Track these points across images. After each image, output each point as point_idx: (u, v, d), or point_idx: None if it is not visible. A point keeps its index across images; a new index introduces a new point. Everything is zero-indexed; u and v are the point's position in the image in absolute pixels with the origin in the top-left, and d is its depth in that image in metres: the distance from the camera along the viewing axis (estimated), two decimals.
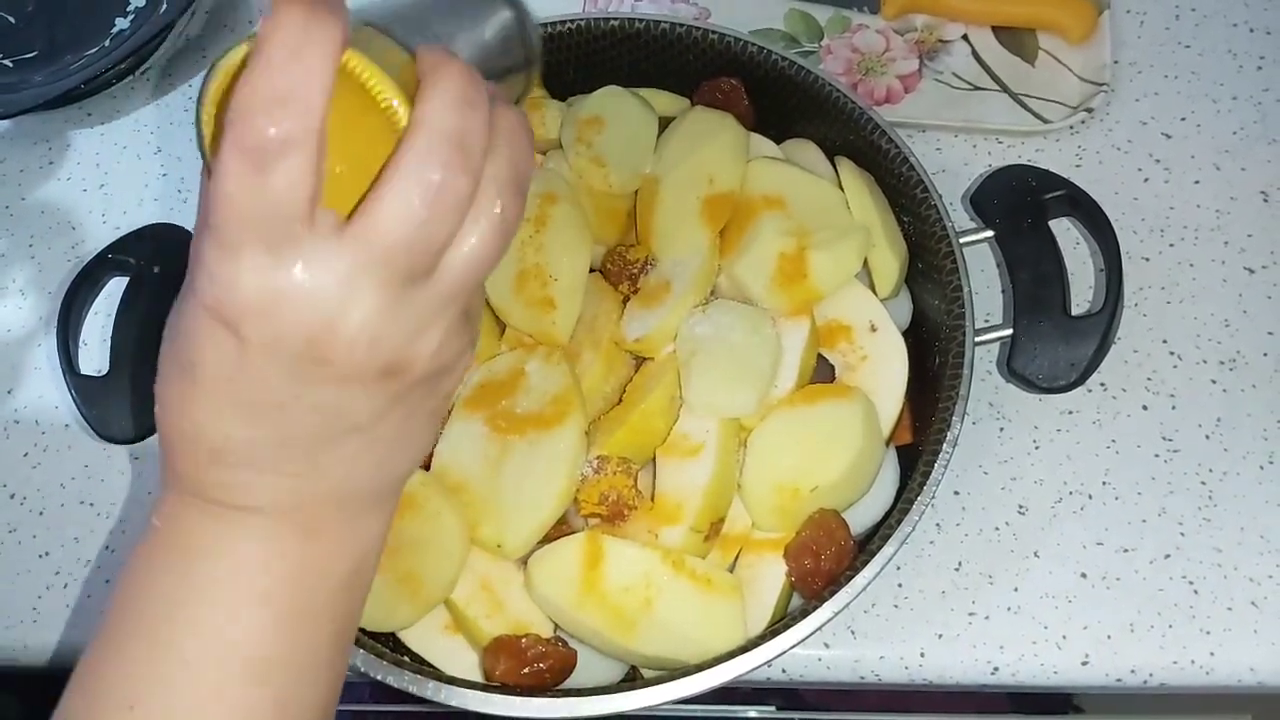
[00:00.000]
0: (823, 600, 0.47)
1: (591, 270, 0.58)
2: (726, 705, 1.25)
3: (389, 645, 0.50)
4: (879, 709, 1.22)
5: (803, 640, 0.47)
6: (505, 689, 0.47)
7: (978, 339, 0.53)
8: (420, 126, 0.29)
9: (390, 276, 0.29)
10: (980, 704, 1.23)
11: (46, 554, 0.61)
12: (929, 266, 0.57)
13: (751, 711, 1.22)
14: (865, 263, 0.57)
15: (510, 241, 0.32)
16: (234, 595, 0.33)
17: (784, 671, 0.56)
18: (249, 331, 0.29)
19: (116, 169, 0.75)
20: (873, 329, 0.55)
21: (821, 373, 0.56)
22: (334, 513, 0.34)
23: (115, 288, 0.61)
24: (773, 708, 1.22)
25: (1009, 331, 0.54)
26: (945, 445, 0.50)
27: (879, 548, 0.48)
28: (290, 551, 0.33)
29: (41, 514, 0.62)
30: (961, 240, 0.55)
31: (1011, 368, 0.54)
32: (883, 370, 0.54)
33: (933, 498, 0.49)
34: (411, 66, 0.30)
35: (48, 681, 0.91)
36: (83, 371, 0.57)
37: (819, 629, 0.47)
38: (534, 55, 0.39)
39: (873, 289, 0.57)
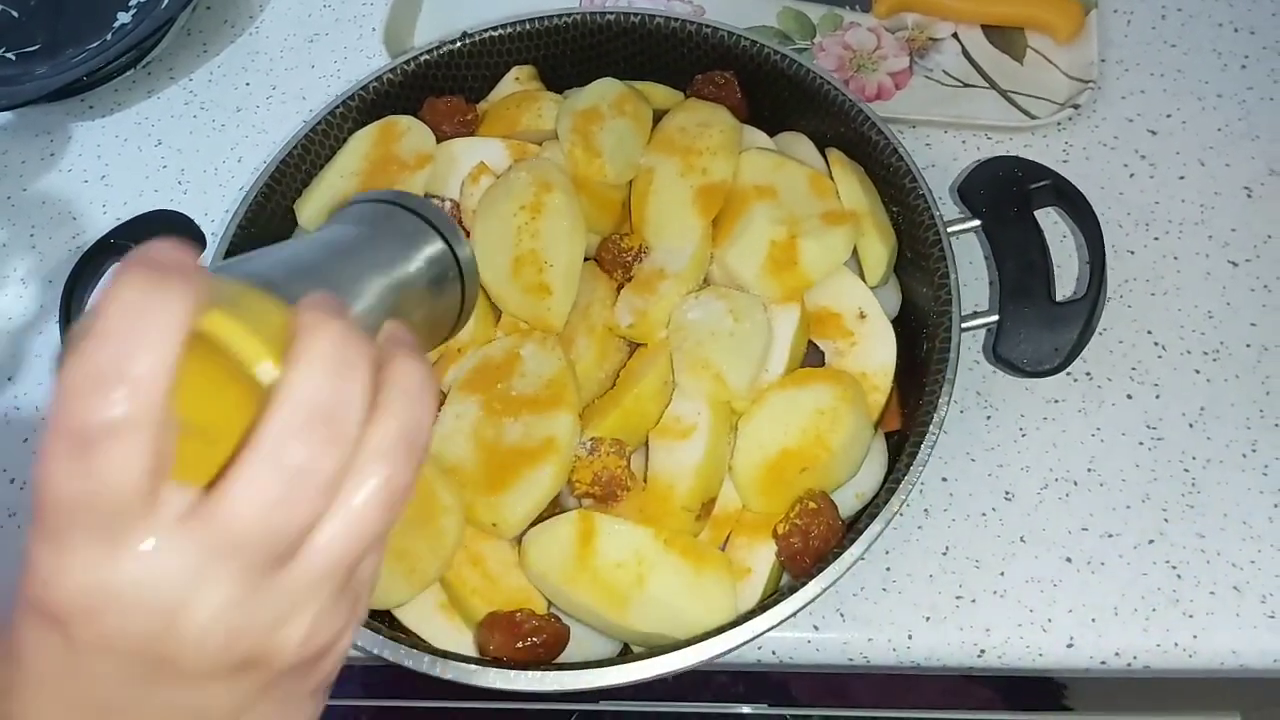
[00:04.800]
0: (811, 576, 0.48)
1: (586, 259, 0.59)
2: (719, 703, 1.26)
3: (385, 623, 0.51)
4: (870, 705, 1.23)
5: (793, 615, 0.47)
6: (499, 663, 0.48)
7: (964, 324, 0.54)
8: (282, 399, 0.25)
9: (245, 564, 0.25)
10: (970, 699, 1.24)
11: None
12: (917, 255, 0.58)
13: (745, 708, 1.23)
14: (855, 251, 0.58)
15: (398, 510, 0.28)
16: None
17: (774, 654, 0.57)
18: (77, 632, 0.25)
19: (117, 161, 0.76)
20: (861, 316, 0.56)
21: (812, 359, 0.57)
22: None
23: None
24: (765, 705, 1.23)
25: (995, 318, 0.55)
26: (932, 426, 0.51)
27: (867, 525, 0.48)
28: None
29: None
30: (949, 229, 0.56)
31: (997, 353, 0.55)
32: (871, 355, 0.55)
33: (920, 477, 0.50)
34: (280, 313, 0.28)
35: None
36: None
37: (809, 604, 0.47)
38: (470, 285, 0.40)
39: (862, 277, 0.58)
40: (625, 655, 0.51)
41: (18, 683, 0.27)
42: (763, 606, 0.48)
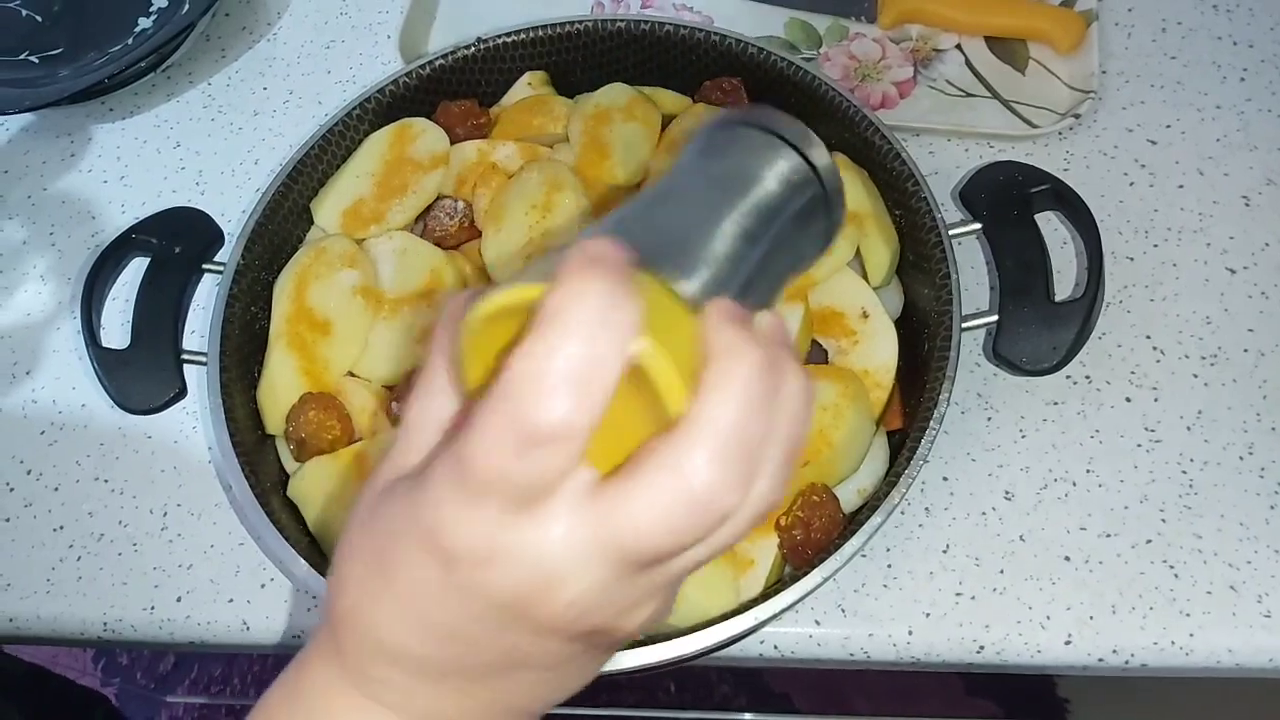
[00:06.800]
0: (813, 567, 0.48)
1: None
2: (722, 711, 1.26)
3: None
4: (871, 714, 1.23)
5: (794, 604, 0.48)
6: None
7: (965, 324, 0.55)
8: (697, 428, 0.26)
9: (624, 564, 0.27)
10: (971, 709, 1.24)
11: (61, 528, 0.63)
12: (919, 257, 0.59)
13: (747, 716, 1.24)
14: (858, 252, 0.59)
15: (765, 518, 0.30)
16: None
17: (776, 648, 0.57)
18: (460, 573, 0.28)
19: (136, 162, 0.77)
20: (864, 315, 0.57)
21: (815, 357, 0.58)
22: None
23: (132, 276, 0.63)
24: (767, 713, 1.24)
25: (995, 317, 0.56)
26: (933, 422, 0.52)
27: (867, 517, 0.49)
28: None
29: (57, 490, 0.64)
30: (950, 232, 0.57)
31: (997, 351, 0.56)
32: (873, 353, 0.56)
33: (921, 471, 0.51)
34: (686, 319, 0.28)
35: (46, 691, 0.92)
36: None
37: (810, 593, 0.48)
38: (834, 196, 0.33)
39: (865, 278, 0.59)
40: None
41: (377, 595, 0.30)
42: (765, 595, 0.49)
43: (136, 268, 0.63)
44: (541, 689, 0.33)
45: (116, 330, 0.67)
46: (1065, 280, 0.65)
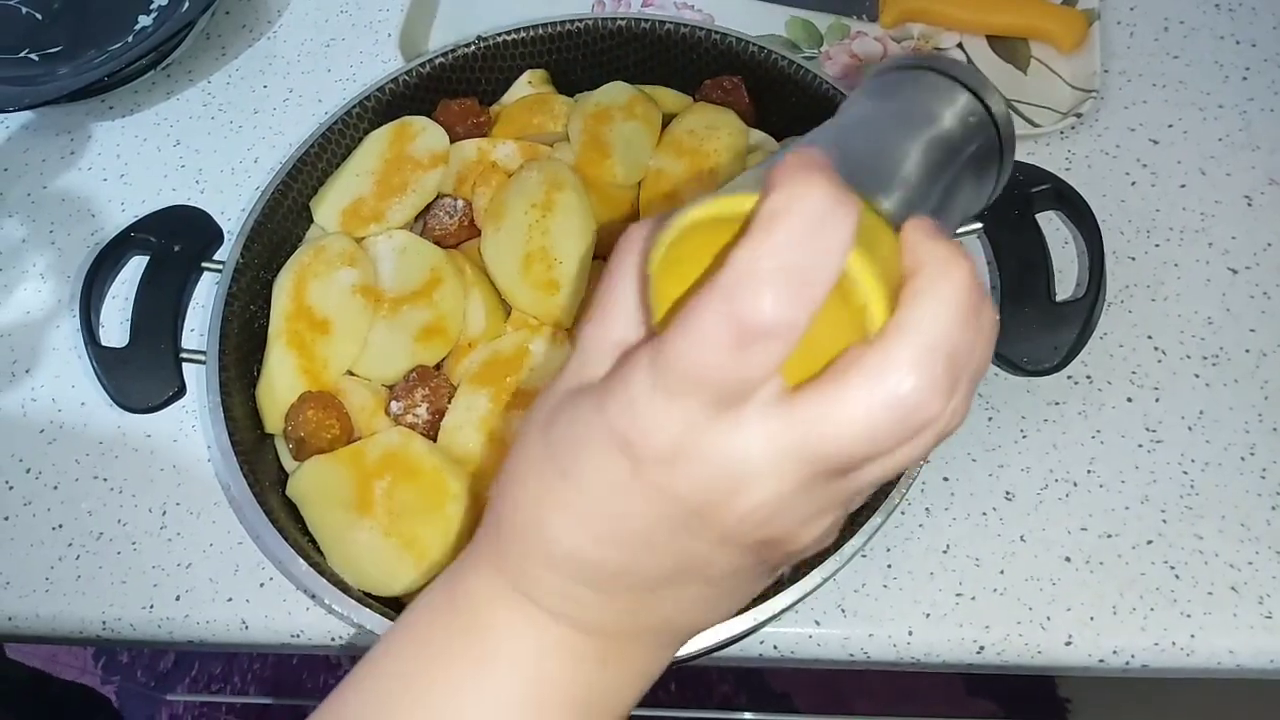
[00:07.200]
0: (812, 567, 0.48)
1: (596, 258, 0.60)
2: (722, 711, 1.26)
3: (395, 610, 0.52)
4: (871, 714, 1.23)
5: (794, 605, 0.48)
6: None
7: None
8: (906, 334, 0.26)
9: (816, 471, 0.27)
10: (972, 709, 1.24)
11: (60, 526, 0.63)
12: None
13: (748, 715, 1.24)
14: None
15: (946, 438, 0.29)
16: (523, 703, 0.32)
17: (775, 648, 0.57)
18: (650, 473, 0.27)
19: (136, 160, 0.77)
20: None
21: None
22: (640, 645, 0.33)
23: (131, 274, 0.63)
24: (767, 713, 1.24)
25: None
26: None
27: (867, 518, 0.49)
28: (590, 675, 0.32)
29: (56, 488, 0.64)
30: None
31: (998, 351, 0.55)
32: None
33: (921, 470, 0.51)
34: (888, 234, 0.28)
35: (47, 697, 0.92)
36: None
37: (809, 594, 0.48)
38: (1007, 142, 0.34)
39: None
40: None
41: (556, 498, 0.30)
42: (764, 595, 0.48)
43: (136, 266, 0.63)
44: (703, 606, 0.32)
45: (116, 329, 0.67)
46: (1066, 280, 0.65)
